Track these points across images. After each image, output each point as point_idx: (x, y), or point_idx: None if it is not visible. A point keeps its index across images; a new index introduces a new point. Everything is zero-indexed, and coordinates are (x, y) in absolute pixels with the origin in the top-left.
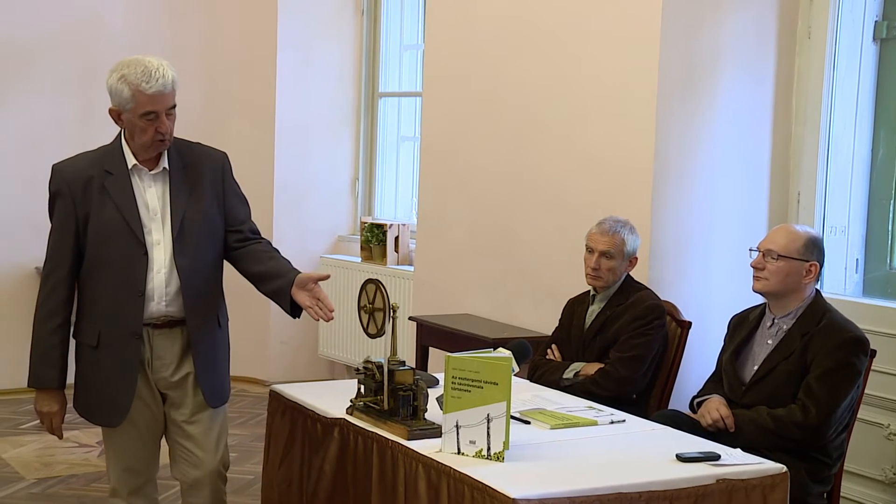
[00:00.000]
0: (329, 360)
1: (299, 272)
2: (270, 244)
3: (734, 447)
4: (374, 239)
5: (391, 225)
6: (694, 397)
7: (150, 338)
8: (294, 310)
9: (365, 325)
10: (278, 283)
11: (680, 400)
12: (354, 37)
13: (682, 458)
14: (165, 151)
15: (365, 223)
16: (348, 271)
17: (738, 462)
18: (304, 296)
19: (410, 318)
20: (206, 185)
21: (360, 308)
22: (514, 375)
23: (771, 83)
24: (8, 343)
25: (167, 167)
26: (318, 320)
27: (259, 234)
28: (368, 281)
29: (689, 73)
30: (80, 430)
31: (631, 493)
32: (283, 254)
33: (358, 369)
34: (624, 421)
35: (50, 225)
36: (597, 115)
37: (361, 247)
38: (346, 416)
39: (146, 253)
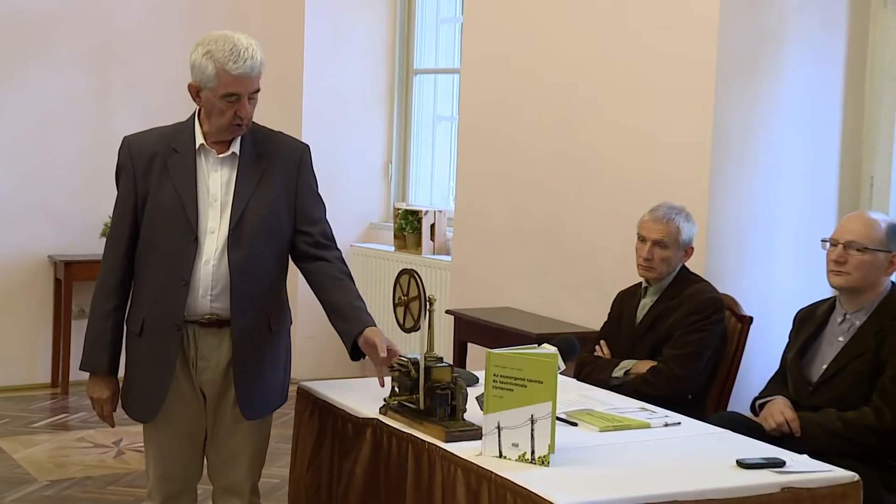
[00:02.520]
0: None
1: (369, 324)
2: (341, 260)
3: (800, 453)
4: (409, 226)
5: (427, 211)
6: (756, 398)
7: (195, 335)
8: (355, 353)
9: (399, 319)
10: (344, 326)
11: (740, 401)
12: (388, 9)
13: (743, 465)
14: (239, 136)
15: (398, 209)
16: (380, 261)
17: (805, 469)
18: (369, 352)
19: (448, 312)
20: (278, 177)
21: (394, 300)
22: (560, 374)
23: (841, 57)
24: (20, 337)
25: (237, 152)
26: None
27: (332, 239)
28: (403, 271)
29: (752, 46)
30: (95, 430)
31: (687, 501)
32: None
33: (392, 366)
34: (679, 424)
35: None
36: (650, 92)
37: (395, 235)
38: (380, 416)
39: (196, 240)
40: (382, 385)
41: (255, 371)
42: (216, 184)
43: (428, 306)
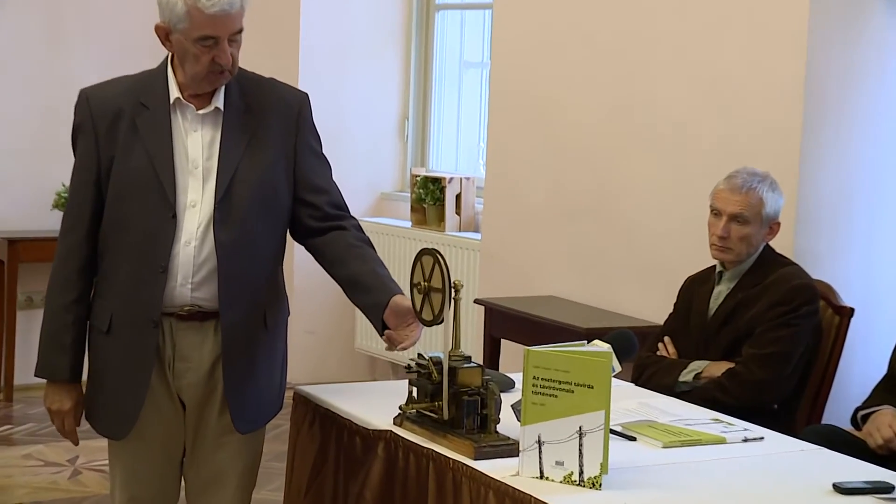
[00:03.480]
0: (369, 356)
1: (396, 291)
2: (358, 227)
3: None
4: (429, 197)
5: (451, 179)
6: (858, 409)
7: (172, 331)
8: (383, 330)
9: (419, 310)
10: (369, 299)
11: (838, 412)
12: None
13: (841, 490)
14: (223, 87)
15: (417, 177)
16: (394, 239)
17: None
18: (397, 324)
19: (477, 302)
20: (273, 136)
21: (412, 287)
22: (615, 377)
23: None
24: None
25: (221, 107)
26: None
27: (345, 208)
28: (424, 252)
29: None
30: (45, 445)
31: None
32: None
33: (409, 367)
34: (762, 439)
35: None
36: (730, 36)
37: (412, 207)
38: (394, 428)
39: (174, 216)
40: (400, 347)
41: (249, 374)
42: (196, 146)
43: (453, 294)
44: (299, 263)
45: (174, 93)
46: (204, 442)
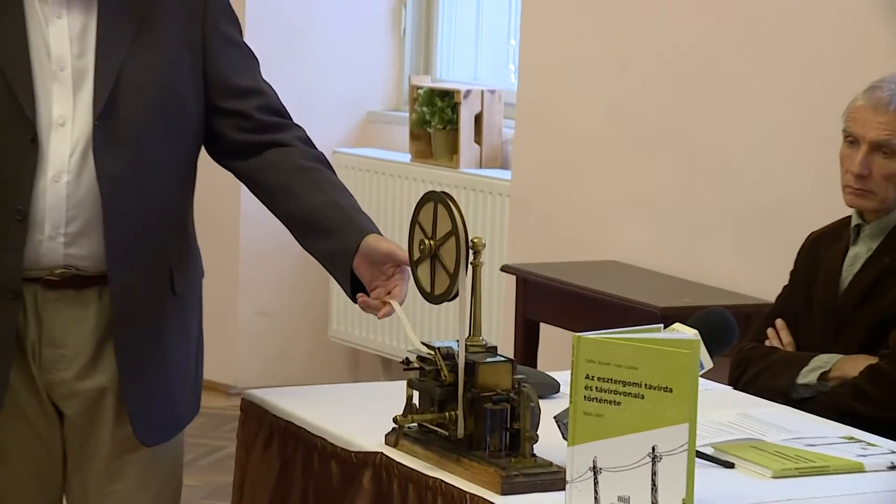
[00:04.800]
0: (349, 347)
1: (368, 228)
2: (306, 140)
3: None
4: (436, 119)
5: (467, 92)
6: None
7: (37, 305)
8: (356, 289)
9: (422, 280)
10: (330, 243)
11: None
12: None
13: None
14: None
15: (418, 89)
16: (386, 179)
17: None
18: (373, 278)
19: (506, 269)
20: (171, 22)
21: (411, 247)
22: (704, 376)
23: None
24: None
25: None
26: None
27: (284, 114)
28: (428, 197)
29: None
30: None
31: None
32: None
33: (407, 362)
34: None
35: None
36: None
37: (412, 134)
38: (386, 450)
39: (35, 139)
40: (382, 313)
41: (153, 360)
42: (62, 39)
43: (470, 258)
44: (248, 212)
45: None
46: (93, 466)
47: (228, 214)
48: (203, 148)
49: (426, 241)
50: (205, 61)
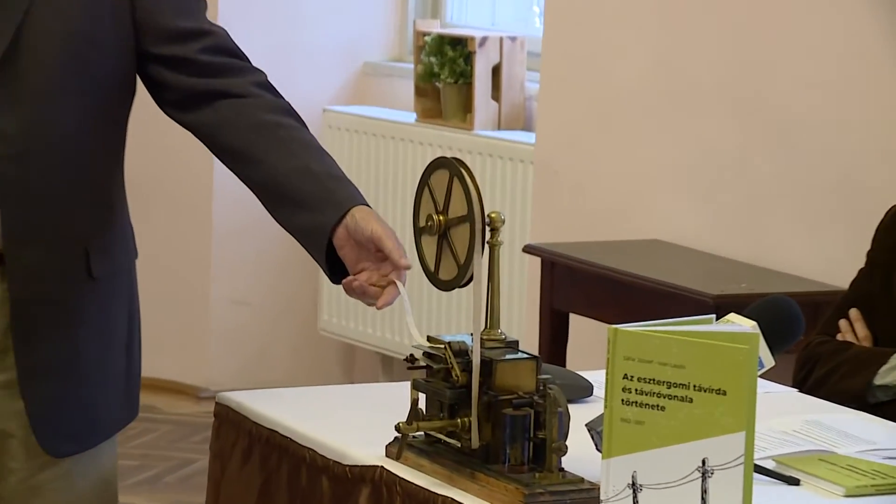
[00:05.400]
0: (342, 342)
1: (354, 199)
2: (267, 87)
3: None
4: (447, 72)
5: (483, 40)
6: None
7: None
8: (336, 272)
9: (428, 261)
10: (304, 218)
11: None
12: None
13: None
14: None
15: (425, 35)
16: (388, 142)
17: None
18: (358, 260)
19: (529, 250)
20: None
21: (416, 223)
22: (763, 377)
23: None
24: None
25: None
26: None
27: (238, 54)
28: (438, 164)
29: None
30: None
31: None
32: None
33: (411, 359)
34: None
35: None
36: None
37: (417, 89)
38: (387, 463)
39: None
40: (382, 301)
41: (62, 354)
42: None
43: (487, 236)
44: (222, 183)
45: None
46: (8, 484)
47: (199, 187)
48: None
49: (435, 217)
50: (132, 4)
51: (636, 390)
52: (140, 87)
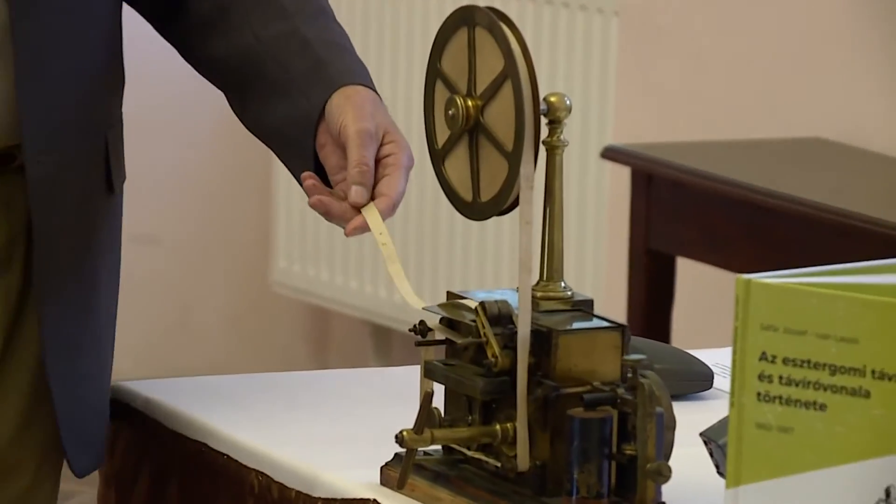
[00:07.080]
0: (308, 303)
1: (350, 77)
2: None
3: None
4: None
5: None
6: None
7: None
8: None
9: (455, 182)
10: (281, 107)
11: None
12: None
13: None
14: None
15: None
16: None
17: None
18: (342, 168)
19: (609, 155)
20: None
21: (427, 113)
22: None
23: None
24: None
25: None
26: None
27: None
28: (459, 18)
29: None
30: None
31: None
32: None
33: (421, 329)
34: None
35: None
36: None
37: None
38: (381, 496)
39: None
40: (352, 227)
41: (84, 298)
42: None
43: (545, 134)
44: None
45: None
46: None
47: None
48: None
49: (458, 101)
50: None
51: (781, 378)
52: None
